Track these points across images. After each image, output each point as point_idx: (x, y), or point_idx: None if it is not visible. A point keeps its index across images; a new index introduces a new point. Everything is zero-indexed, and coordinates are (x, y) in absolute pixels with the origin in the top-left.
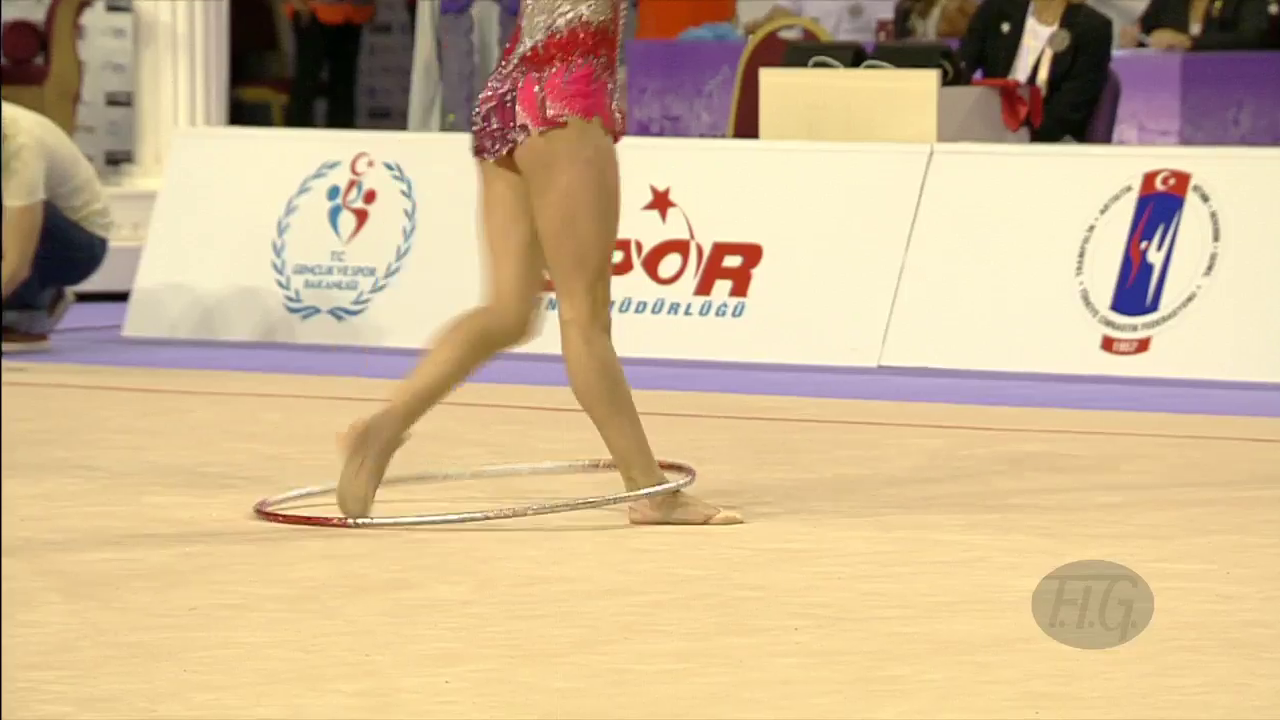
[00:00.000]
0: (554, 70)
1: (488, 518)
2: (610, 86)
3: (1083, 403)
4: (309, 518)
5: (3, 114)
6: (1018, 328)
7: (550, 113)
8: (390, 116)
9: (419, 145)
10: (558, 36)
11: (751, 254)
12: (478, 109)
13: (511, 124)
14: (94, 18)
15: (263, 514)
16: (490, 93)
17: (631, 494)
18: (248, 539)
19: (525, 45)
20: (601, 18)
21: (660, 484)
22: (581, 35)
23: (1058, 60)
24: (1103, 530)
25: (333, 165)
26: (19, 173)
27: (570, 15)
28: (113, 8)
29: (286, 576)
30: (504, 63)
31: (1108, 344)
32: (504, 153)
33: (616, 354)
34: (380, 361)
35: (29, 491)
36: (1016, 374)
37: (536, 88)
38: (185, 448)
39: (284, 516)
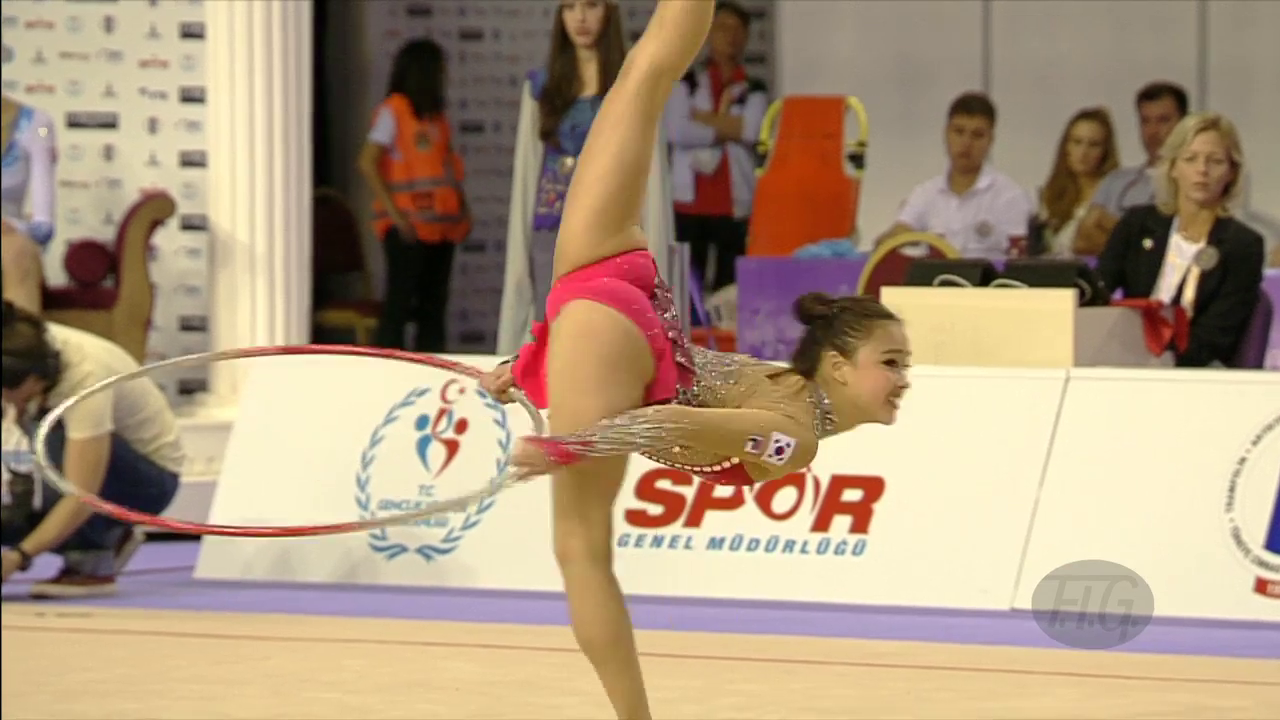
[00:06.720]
0: None
1: None
2: None
3: (1233, 650)
4: None
5: (68, 340)
6: (1162, 568)
7: None
8: (483, 341)
9: None
10: None
11: (873, 487)
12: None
13: None
14: (166, 237)
15: None
16: None
17: None
18: None
19: None
20: None
21: None
22: None
23: (1205, 279)
24: None
25: (422, 392)
26: (84, 402)
27: None
28: (187, 226)
29: None
30: None
31: (1261, 586)
32: None
33: None
34: (471, 604)
35: None
36: (1160, 618)
37: None
38: (261, 698)
39: None
